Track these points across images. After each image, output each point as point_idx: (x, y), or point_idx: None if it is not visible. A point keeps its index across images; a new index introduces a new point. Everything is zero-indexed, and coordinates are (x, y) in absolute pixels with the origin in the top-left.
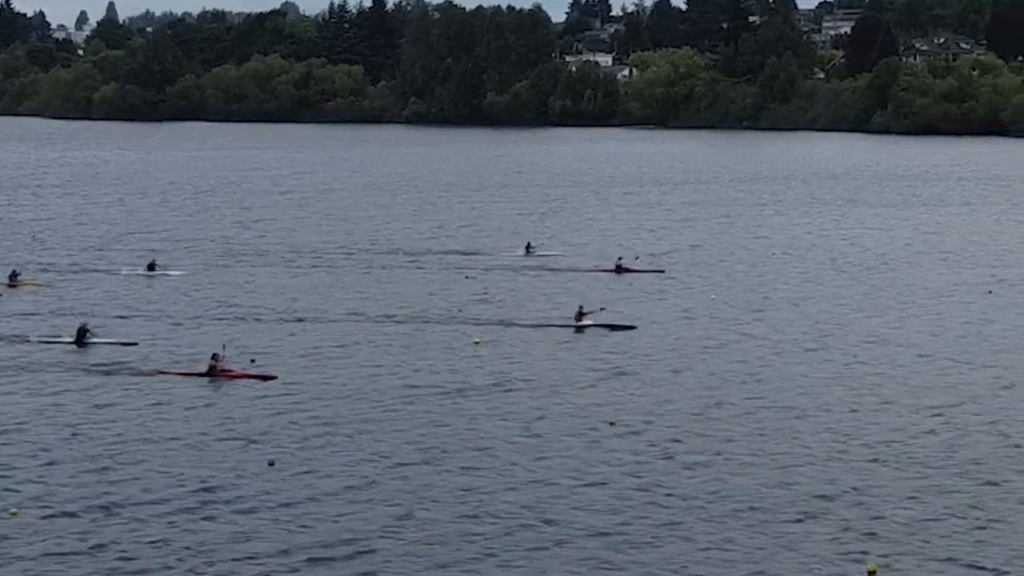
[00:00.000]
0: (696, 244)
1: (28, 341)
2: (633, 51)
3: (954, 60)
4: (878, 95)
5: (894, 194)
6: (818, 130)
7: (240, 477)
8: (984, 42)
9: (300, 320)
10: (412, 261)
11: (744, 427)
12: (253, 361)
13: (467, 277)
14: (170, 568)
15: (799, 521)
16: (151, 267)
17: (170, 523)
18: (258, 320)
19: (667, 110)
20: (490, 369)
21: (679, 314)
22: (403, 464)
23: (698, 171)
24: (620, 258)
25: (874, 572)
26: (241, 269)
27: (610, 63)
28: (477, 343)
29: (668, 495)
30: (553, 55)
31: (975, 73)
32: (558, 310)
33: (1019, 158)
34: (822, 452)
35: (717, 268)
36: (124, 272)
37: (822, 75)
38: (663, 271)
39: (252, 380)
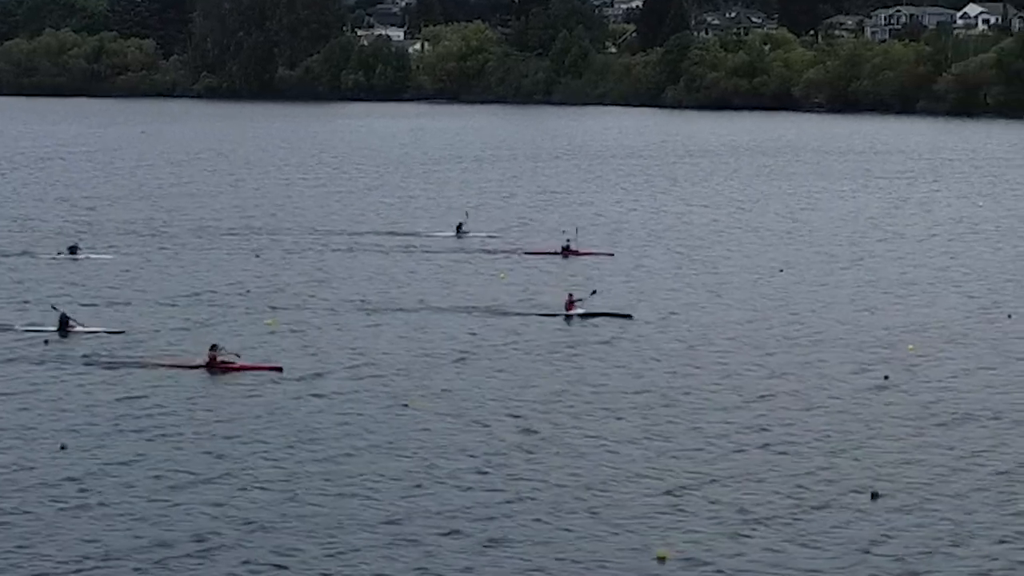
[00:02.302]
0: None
1: (13, 330)
2: (425, 25)
3: (746, 35)
4: (670, 69)
5: (697, 169)
6: (610, 104)
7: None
8: (775, 17)
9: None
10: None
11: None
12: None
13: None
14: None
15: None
16: (73, 250)
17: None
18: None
19: (459, 84)
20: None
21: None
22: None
23: (506, 146)
24: (568, 240)
25: (664, 557)
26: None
27: (402, 37)
28: (270, 324)
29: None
30: (345, 29)
31: (766, 48)
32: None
33: (809, 131)
34: (611, 440)
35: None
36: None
37: (614, 49)
38: (612, 254)
39: (257, 372)
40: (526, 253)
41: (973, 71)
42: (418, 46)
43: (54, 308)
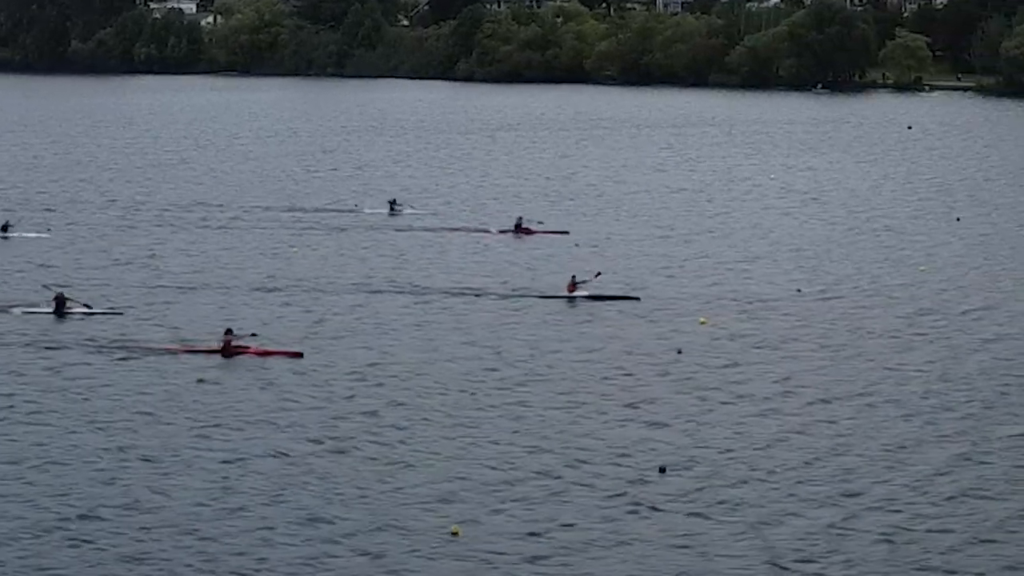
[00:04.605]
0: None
1: (9, 312)
2: None
3: (538, 7)
4: (462, 42)
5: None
6: (403, 77)
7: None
8: None
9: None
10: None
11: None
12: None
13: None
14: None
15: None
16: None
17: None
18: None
19: (251, 57)
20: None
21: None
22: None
23: (303, 119)
24: (520, 218)
25: (456, 532)
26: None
27: (194, 10)
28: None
29: None
30: (137, 2)
31: (559, 20)
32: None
33: (602, 103)
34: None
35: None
36: None
37: (407, 22)
38: (567, 232)
39: (275, 358)
40: (474, 231)
41: (765, 44)
42: (210, 19)
43: (46, 288)
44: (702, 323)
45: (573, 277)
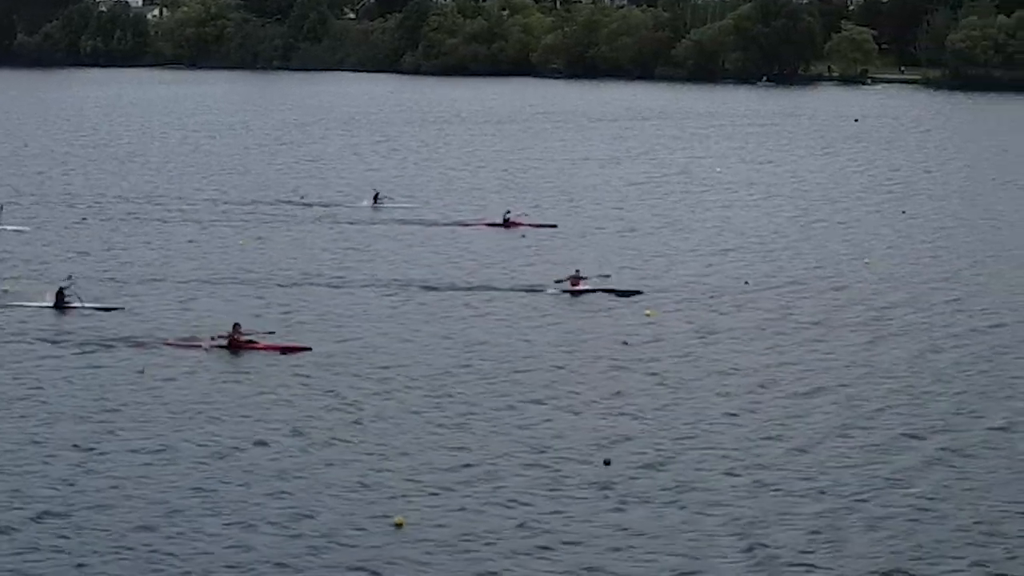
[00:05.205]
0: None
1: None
2: None
3: (484, 0)
4: (408, 35)
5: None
6: (349, 70)
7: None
8: None
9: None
10: None
11: None
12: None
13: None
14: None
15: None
16: None
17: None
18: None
19: (198, 50)
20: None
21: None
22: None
23: (253, 112)
24: (508, 211)
25: (401, 524)
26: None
27: (140, 3)
28: None
29: None
30: None
31: (504, 13)
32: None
33: (549, 96)
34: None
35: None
36: None
37: (353, 15)
38: (555, 225)
39: (282, 352)
40: (464, 225)
41: (711, 37)
42: (156, 12)
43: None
44: (648, 315)
45: (576, 271)
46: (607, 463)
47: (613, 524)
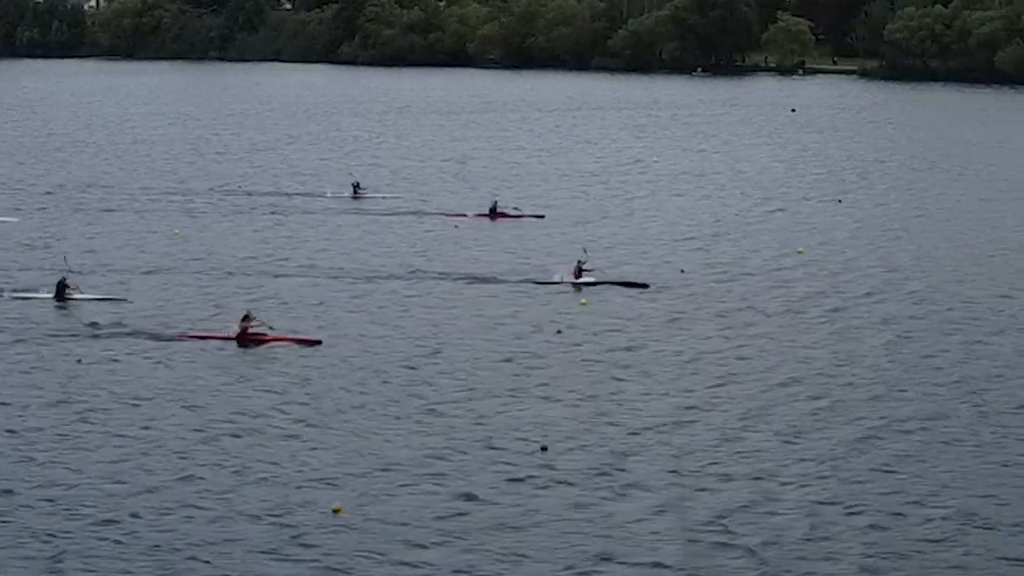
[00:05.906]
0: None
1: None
2: None
3: None
4: (345, 26)
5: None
6: (286, 61)
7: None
8: None
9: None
10: None
11: None
12: None
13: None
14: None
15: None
16: None
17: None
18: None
19: (135, 41)
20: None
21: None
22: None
23: (189, 103)
24: (495, 202)
25: (338, 510)
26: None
27: None
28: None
29: None
30: None
31: (441, 4)
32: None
33: (486, 86)
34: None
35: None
36: None
37: (289, 6)
38: (543, 216)
39: (293, 344)
40: (449, 216)
41: (648, 27)
42: (93, 3)
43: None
44: (583, 304)
45: (579, 263)
46: (544, 449)
47: (548, 509)
